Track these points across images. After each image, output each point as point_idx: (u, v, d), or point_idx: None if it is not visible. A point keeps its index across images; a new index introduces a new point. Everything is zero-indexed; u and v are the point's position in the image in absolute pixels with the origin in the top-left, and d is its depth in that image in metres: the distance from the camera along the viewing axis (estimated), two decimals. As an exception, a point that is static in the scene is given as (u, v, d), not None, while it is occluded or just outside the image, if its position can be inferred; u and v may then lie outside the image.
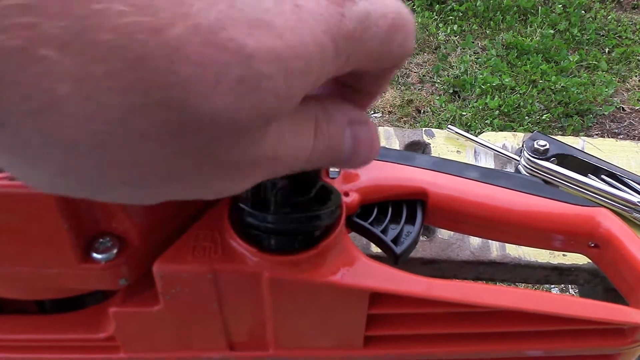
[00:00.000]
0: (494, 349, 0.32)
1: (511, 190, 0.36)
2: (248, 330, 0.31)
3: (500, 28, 2.06)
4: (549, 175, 0.56)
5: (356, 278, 0.27)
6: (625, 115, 1.79)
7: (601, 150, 0.61)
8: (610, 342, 0.32)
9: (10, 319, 0.31)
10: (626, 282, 0.34)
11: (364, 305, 0.29)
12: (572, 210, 0.35)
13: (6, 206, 0.24)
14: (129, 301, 0.29)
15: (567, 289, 1.26)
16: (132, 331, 0.30)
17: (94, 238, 0.26)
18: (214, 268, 0.26)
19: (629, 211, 0.53)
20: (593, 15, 2.11)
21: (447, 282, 0.29)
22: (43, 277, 0.27)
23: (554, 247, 0.36)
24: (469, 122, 1.71)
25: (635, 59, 1.95)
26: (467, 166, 0.37)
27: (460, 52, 1.97)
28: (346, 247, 0.28)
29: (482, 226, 0.36)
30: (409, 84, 1.87)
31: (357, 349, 0.32)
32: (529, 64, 1.88)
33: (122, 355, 0.31)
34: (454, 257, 0.51)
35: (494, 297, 0.29)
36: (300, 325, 0.31)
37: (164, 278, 0.27)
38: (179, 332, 0.30)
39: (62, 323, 0.31)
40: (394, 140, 0.62)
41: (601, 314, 0.30)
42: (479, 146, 0.61)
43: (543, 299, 0.30)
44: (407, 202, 0.34)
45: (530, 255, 0.51)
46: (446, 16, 2.10)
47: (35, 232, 0.25)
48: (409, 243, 0.33)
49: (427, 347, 0.32)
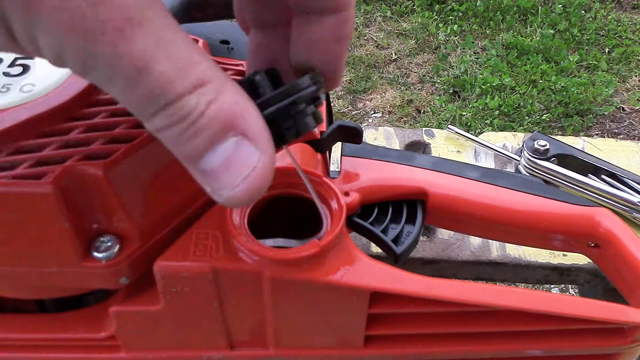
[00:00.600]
0: (494, 349, 0.32)
1: (511, 190, 0.36)
2: (248, 329, 0.31)
3: (500, 28, 2.06)
4: (549, 175, 0.56)
5: (356, 278, 0.27)
6: (625, 115, 1.79)
7: (601, 150, 0.61)
8: (610, 341, 0.32)
9: (11, 318, 0.31)
10: (626, 282, 0.34)
11: (364, 305, 0.29)
12: (572, 210, 0.35)
13: (6, 206, 0.24)
14: (130, 300, 0.29)
15: (567, 289, 1.26)
16: (132, 330, 0.30)
17: (95, 237, 0.26)
18: (215, 267, 0.26)
19: (629, 211, 0.53)
20: (593, 15, 2.11)
21: (447, 282, 0.29)
22: (43, 276, 0.27)
23: (554, 247, 0.36)
24: (469, 122, 1.70)
25: (635, 59, 1.95)
26: (467, 166, 0.37)
27: (460, 52, 1.97)
28: (346, 246, 0.28)
29: (482, 226, 0.36)
30: (409, 84, 1.87)
31: (357, 349, 0.32)
32: (529, 64, 1.88)
33: (123, 354, 0.31)
34: (454, 257, 0.51)
35: (494, 296, 0.29)
36: (301, 325, 0.31)
37: (165, 277, 0.27)
38: (179, 331, 0.30)
39: (63, 322, 0.31)
40: (394, 140, 0.62)
41: (601, 313, 0.30)
42: (479, 146, 0.61)
43: (543, 298, 0.30)
44: (408, 202, 0.34)
45: (531, 255, 0.51)
46: (446, 16, 2.10)
47: (35, 232, 0.25)
48: (409, 243, 0.33)
49: (427, 347, 0.32)
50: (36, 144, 0.25)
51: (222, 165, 0.19)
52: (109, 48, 0.17)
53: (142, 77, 0.17)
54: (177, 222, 0.28)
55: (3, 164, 0.24)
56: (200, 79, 0.18)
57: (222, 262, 0.26)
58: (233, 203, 0.19)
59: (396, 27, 2.06)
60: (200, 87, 0.18)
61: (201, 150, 0.19)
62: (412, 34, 2.04)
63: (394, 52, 1.97)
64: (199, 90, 0.18)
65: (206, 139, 0.18)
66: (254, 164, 0.19)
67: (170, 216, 0.28)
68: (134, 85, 0.17)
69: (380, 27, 2.06)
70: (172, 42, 0.18)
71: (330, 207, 0.29)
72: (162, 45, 0.17)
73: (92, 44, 0.17)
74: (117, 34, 0.17)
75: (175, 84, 0.18)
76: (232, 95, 0.19)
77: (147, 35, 0.17)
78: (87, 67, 0.17)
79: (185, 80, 0.18)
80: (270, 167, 0.19)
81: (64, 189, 0.24)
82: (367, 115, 1.76)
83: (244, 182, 0.19)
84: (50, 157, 0.24)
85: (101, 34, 0.17)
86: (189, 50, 0.18)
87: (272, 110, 0.21)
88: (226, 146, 0.19)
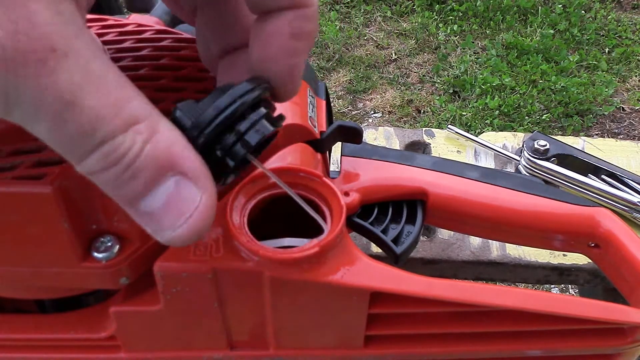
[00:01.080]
0: (494, 349, 0.32)
1: (511, 190, 0.36)
2: (248, 329, 0.31)
3: (500, 28, 2.06)
4: (549, 175, 0.56)
5: (356, 278, 0.27)
6: (625, 115, 1.79)
7: (601, 150, 0.61)
8: (610, 342, 0.32)
9: (11, 318, 0.31)
10: (626, 282, 0.34)
11: (364, 305, 0.29)
12: (572, 210, 0.35)
13: (6, 206, 0.24)
14: (130, 300, 0.29)
15: (567, 289, 1.26)
16: (132, 330, 0.30)
17: (95, 237, 0.26)
18: (215, 267, 0.26)
19: (629, 211, 0.53)
20: (593, 15, 2.11)
21: (447, 282, 0.29)
22: (43, 276, 0.27)
23: (554, 247, 0.36)
24: (469, 122, 1.70)
25: (635, 59, 1.95)
26: (468, 166, 0.37)
27: (460, 52, 1.97)
28: (347, 246, 0.28)
29: (482, 226, 0.36)
30: (409, 84, 1.87)
31: (357, 349, 0.32)
32: (529, 64, 1.88)
33: (123, 354, 0.31)
34: (454, 257, 0.51)
35: (494, 296, 0.29)
36: (301, 325, 0.31)
37: (165, 277, 0.27)
38: (179, 331, 0.30)
39: (63, 322, 0.31)
40: (394, 140, 0.62)
41: (601, 313, 0.30)
42: (479, 146, 0.61)
43: (543, 298, 0.30)
44: (408, 202, 0.34)
45: (531, 255, 0.51)
46: (446, 16, 2.10)
47: (35, 232, 0.25)
48: (409, 243, 0.33)
49: (427, 347, 0.32)
50: (36, 145, 0.25)
51: (163, 207, 0.18)
52: (31, 81, 0.15)
53: (70, 113, 0.16)
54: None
55: (3, 164, 0.24)
56: (133, 116, 0.17)
57: (222, 262, 0.26)
58: (176, 243, 0.19)
59: (396, 27, 2.06)
60: (133, 124, 0.17)
61: (140, 193, 0.18)
62: (412, 34, 2.04)
63: (394, 52, 1.97)
64: (133, 129, 0.17)
65: (144, 181, 0.18)
66: (195, 203, 0.18)
67: (170, 216, 0.28)
68: (62, 122, 0.16)
69: (380, 27, 2.06)
70: (102, 76, 0.16)
71: (330, 207, 0.29)
72: (91, 78, 0.16)
73: (14, 77, 0.15)
74: (40, 65, 0.15)
75: (107, 120, 0.16)
76: (167, 133, 0.18)
77: (73, 66, 0.16)
78: (10, 104, 0.16)
79: (118, 117, 0.17)
80: (212, 205, 0.19)
81: (63, 189, 0.24)
82: (367, 115, 1.76)
83: (186, 223, 0.18)
84: (50, 158, 0.24)
85: (22, 66, 0.15)
86: (120, 84, 0.17)
87: (208, 132, 0.19)
88: (165, 187, 0.18)
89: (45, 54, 0.15)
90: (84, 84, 0.16)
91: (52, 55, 0.15)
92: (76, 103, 0.16)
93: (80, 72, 0.16)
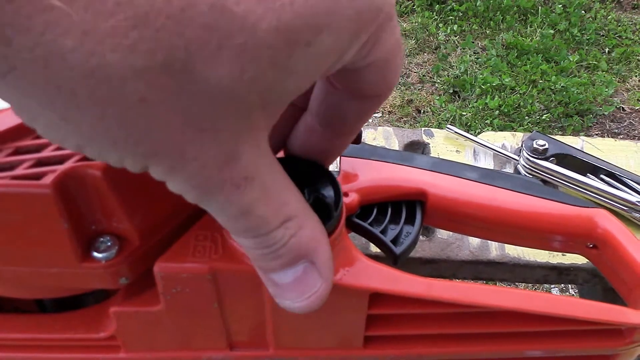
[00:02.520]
0: (494, 349, 0.33)
1: (510, 191, 0.36)
2: (248, 330, 0.31)
3: (500, 28, 2.06)
4: (548, 175, 0.56)
5: (356, 278, 0.28)
6: (625, 115, 1.79)
7: (600, 150, 0.61)
8: (609, 342, 0.32)
9: (10, 318, 0.31)
10: (624, 283, 0.34)
11: (363, 306, 0.29)
12: (570, 211, 0.35)
13: (6, 206, 0.24)
14: (130, 301, 0.29)
15: (566, 289, 1.26)
16: (132, 331, 0.30)
17: (94, 237, 0.26)
18: (215, 268, 0.26)
19: (628, 211, 0.53)
20: (593, 15, 2.11)
21: (447, 283, 0.29)
22: (43, 276, 0.27)
23: (552, 248, 0.37)
24: (469, 122, 1.71)
25: (635, 59, 1.95)
26: (466, 167, 0.37)
27: (460, 52, 1.97)
28: (346, 247, 0.28)
29: (481, 227, 0.36)
30: (409, 84, 1.87)
31: (357, 349, 0.32)
32: (529, 64, 1.88)
33: (123, 355, 0.32)
34: (453, 256, 0.51)
35: (494, 297, 0.29)
36: (301, 325, 0.31)
37: (165, 278, 0.27)
38: (179, 331, 0.30)
39: (62, 322, 0.31)
40: (393, 140, 0.62)
41: (599, 314, 0.30)
42: (478, 146, 0.61)
43: (542, 299, 0.30)
44: (407, 203, 0.35)
45: (530, 255, 0.51)
46: (446, 16, 2.10)
47: (34, 232, 0.25)
48: (409, 243, 0.33)
49: (427, 347, 0.32)
50: (35, 145, 0.25)
51: (290, 283, 0.22)
52: (222, 197, 0.19)
53: (243, 218, 0.19)
54: (177, 222, 0.28)
55: (2, 164, 0.24)
56: (288, 216, 0.21)
57: (222, 262, 0.27)
58: (290, 310, 0.23)
59: (396, 26, 2.06)
60: (286, 222, 0.20)
61: (275, 269, 0.22)
62: (412, 34, 2.04)
63: (393, 51, 1.96)
64: (285, 225, 0.20)
65: (282, 263, 0.21)
66: (316, 288, 0.22)
67: (169, 216, 0.28)
68: (235, 220, 0.20)
69: (380, 27, 2.06)
70: (272, 187, 0.20)
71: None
72: (266, 194, 0.20)
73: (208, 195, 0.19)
74: (233, 190, 0.19)
75: (269, 222, 0.20)
76: (310, 230, 0.21)
77: (257, 187, 0.19)
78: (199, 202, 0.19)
79: (277, 219, 0.20)
80: (328, 292, 0.22)
81: (63, 189, 0.24)
82: (367, 115, 1.75)
83: (304, 300, 0.22)
84: (49, 158, 0.24)
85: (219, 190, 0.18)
86: (283, 187, 0.21)
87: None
88: (296, 269, 0.22)
89: (239, 181, 0.19)
90: (260, 198, 0.19)
91: (244, 182, 0.19)
92: (250, 212, 0.19)
93: (259, 191, 0.19)
